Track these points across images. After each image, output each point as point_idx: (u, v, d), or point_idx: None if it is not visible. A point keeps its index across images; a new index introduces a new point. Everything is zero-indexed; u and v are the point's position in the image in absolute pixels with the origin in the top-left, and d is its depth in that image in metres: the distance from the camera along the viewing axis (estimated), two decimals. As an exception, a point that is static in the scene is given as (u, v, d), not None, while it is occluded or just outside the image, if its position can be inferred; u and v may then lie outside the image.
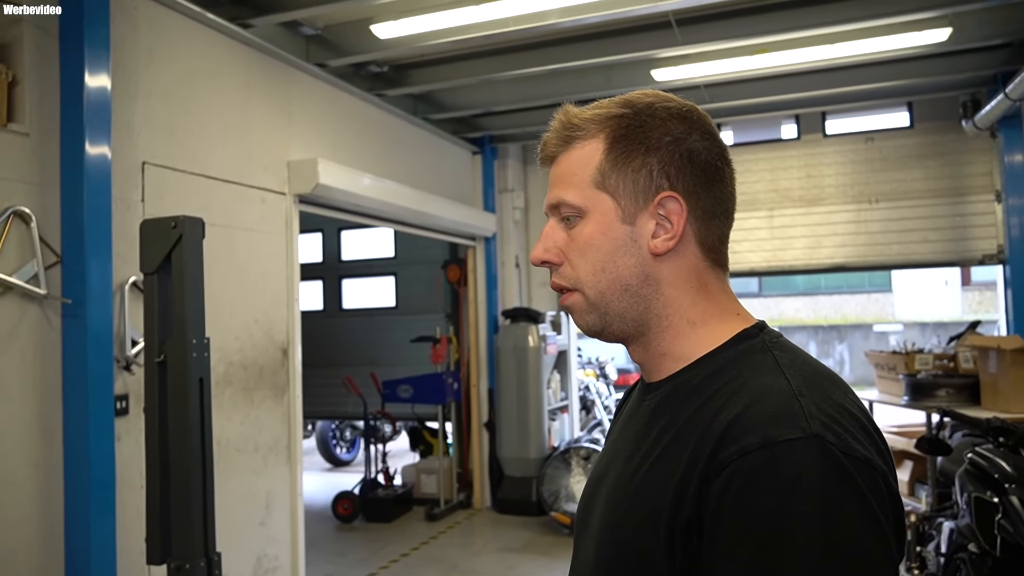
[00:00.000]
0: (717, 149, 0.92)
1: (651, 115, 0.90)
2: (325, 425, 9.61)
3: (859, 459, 0.75)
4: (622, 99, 0.93)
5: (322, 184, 4.63)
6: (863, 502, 0.73)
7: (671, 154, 0.89)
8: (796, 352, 0.88)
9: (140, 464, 3.48)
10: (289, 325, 4.63)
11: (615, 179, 0.90)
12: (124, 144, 3.55)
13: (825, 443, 0.74)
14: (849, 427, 0.77)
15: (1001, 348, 4.45)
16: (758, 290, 21.15)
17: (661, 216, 0.89)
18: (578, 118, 0.93)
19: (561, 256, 0.94)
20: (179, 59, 3.92)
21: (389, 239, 8.45)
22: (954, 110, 6.42)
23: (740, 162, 7.04)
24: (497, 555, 5.80)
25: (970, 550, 3.10)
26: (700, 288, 0.92)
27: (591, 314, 0.94)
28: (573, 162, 0.92)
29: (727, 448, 0.76)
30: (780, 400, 0.78)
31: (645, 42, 4.97)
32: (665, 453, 0.84)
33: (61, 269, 3.18)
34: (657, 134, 0.90)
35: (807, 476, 0.72)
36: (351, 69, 5.39)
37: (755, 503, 0.72)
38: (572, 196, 0.92)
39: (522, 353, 6.96)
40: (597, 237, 0.91)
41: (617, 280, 0.91)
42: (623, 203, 0.90)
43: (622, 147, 0.90)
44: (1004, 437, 3.16)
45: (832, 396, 0.80)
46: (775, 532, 0.71)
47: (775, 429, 0.75)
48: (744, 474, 0.74)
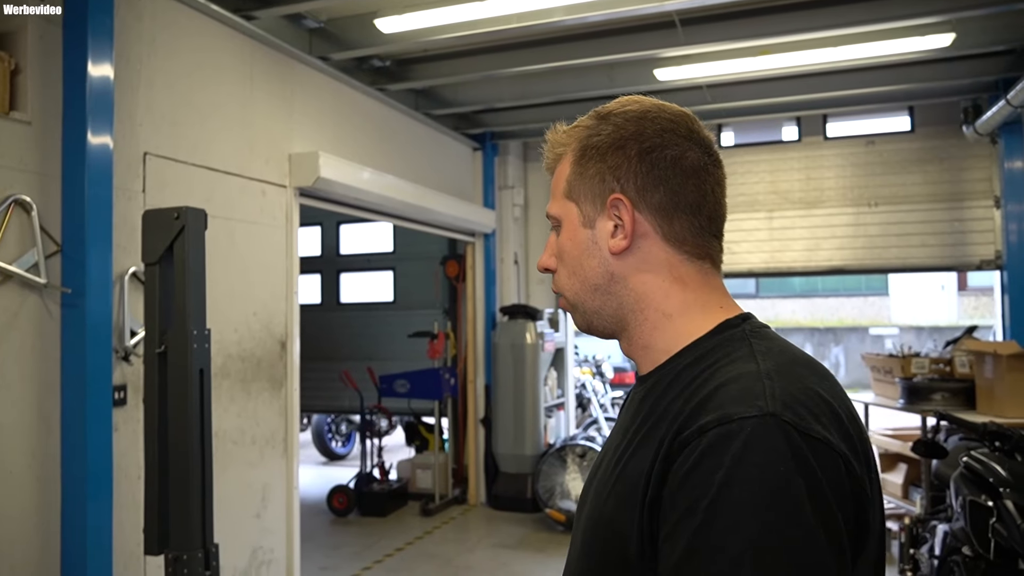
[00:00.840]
0: (676, 142, 0.93)
1: (608, 122, 0.96)
2: (321, 419, 9.61)
3: (817, 439, 0.75)
4: (593, 111, 1.00)
5: (323, 177, 4.63)
6: (812, 481, 0.73)
7: (620, 157, 0.94)
8: (775, 340, 0.90)
9: (137, 455, 3.48)
10: (288, 318, 4.63)
11: (578, 187, 0.97)
12: (126, 134, 3.54)
13: (780, 421, 0.74)
14: (814, 409, 0.77)
15: (998, 353, 4.47)
16: (755, 291, 21.19)
17: (616, 217, 0.94)
18: (557, 135, 1.02)
19: (556, 263, 1.02)
20: (182, 50, 3.91)
21: (388, 234, 8.45)
22: (955, 115, 6.43)
23: (741, 163, 7.09)
24: (491, 551, 5.81)
25: (964, 553, 3.12)
26: (675, 281, 0.94)
27: (575, 314, 1.02)
28: (557, 176, 1.01)
29: (688, 428, 0.78)
30: (744, 382, 0.80)
31: (648, 41, 4.97)
32: (645, 439, 0.87)
33: (61, 258, 3.17)
34: (609, 140, 0.95)
35: (754, 451, 0.73)
36: (354, 63, 5.38)
37: (703, 477, 0.74)
38: (552, 207, 1.02)
39: (519, 350, 6.97)
40: (567, 243, 0.99)
41: (586, 281, 0.98)
42: (584, 209, 0.97)
43: (582, 157, 0.97)
44: (999, 441, 3.18)
45: (803, 381, 0.81)
46: (716, 504, 0.72)
47: (733, 407, 0.77)
48: (699, 451, 0.76)
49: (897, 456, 5.58)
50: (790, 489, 0.72)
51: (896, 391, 5.19)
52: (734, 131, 7.35)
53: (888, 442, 5.60)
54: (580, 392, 8.58)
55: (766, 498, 0.71)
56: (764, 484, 0.72)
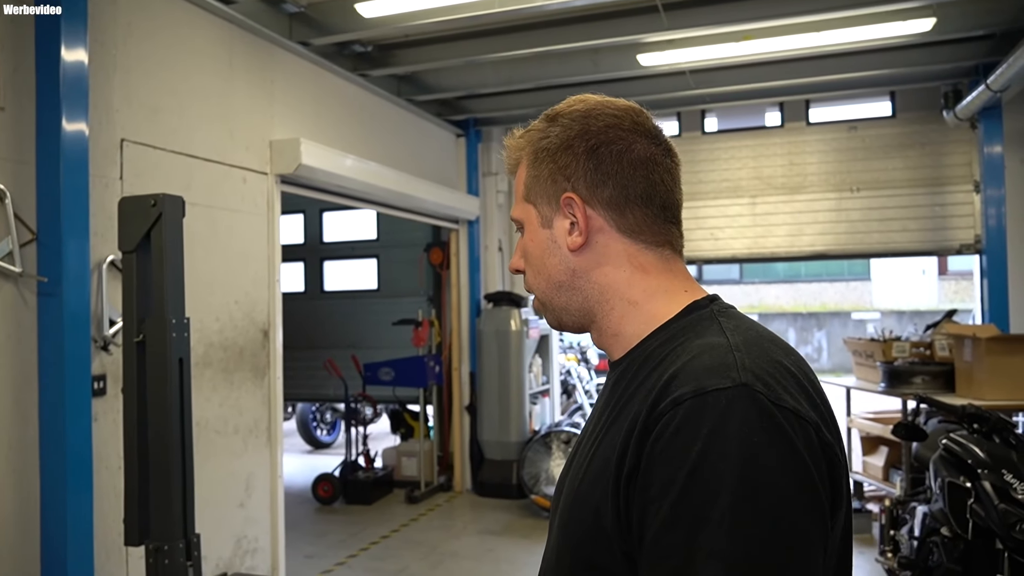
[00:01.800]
0: (621, 136, 0.95)
1: (556, 124, 0.98)
2: (305, 407, 9.58)
3: (788, 408, 0.77)
4: (543, 113, 1.02)
5: (305, 164, 4.58)
6: (790, 449, 0.75)
7: (567, 155, 0.96)
8: (742, 319, 0.92)
9: (117, 445, 3.44)
10: (270, 306, 4.60)
11: (534, 189, 1.00)
12: (102, 120, 3.48)
13: (753, 391, 0.76)
14: (782, 380, 0.80)
15: (976, 337, 4.52)
16: (739, 277, 21.30)
17: (570, 214, 0.97)
18: (513, 140, 1.04)
19: (524, 264, 1.05)
20: (159, 34, 3.85)
21: (371, 221, 8.40)
22: (936, 100, 6.46)
23: (724, 149, 7.10)
24: (477, 537, 5.82)
25: (942, 534, 3.16)
26: (636, 269, 0.96)
27: (546, 313, 1.04)
28: (517, 181, 1.04)
29: (663, 401, 0.80)
30: (716, 355, 0.82)
31: (632, 26, 4.94)
32: (617, 418, 0.88)
33: (37, 247, 3.12)
34: (558, 141, 0.97)
35: (730, 421, 0.75)
36: (335, 48, 5.32)
37: (681, 448, 0.75)
38: (514, 211, 1.05)
39: (504, 337, 6.97)
40: (529, 244, 1.02)
41: (550, 280, 1.00)
42: (542, 210, 1.00)
43: (535, 160, 1.00)
44: (978, 424, 3.21)
45: (770, 354, 0.84)
46: (695, 475, 0.74)
47: (706, 379, 0.78)
48: (675, 423, 0.77)
49: (878, 439, 5.65)
50: (767, 458, 0.74)
51: (877, 375, 5.25)
52: (717, 117, 7.35)
53: (869, 425, 5.67)
54: (565, 379, 8.60)
55: (744, 467, 0.73)
56: (741, 454, 0.73)
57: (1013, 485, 2.88)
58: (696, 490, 0.73)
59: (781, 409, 0.76)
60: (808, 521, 0.74)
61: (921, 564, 3.34)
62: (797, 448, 0.75)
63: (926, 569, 3.29)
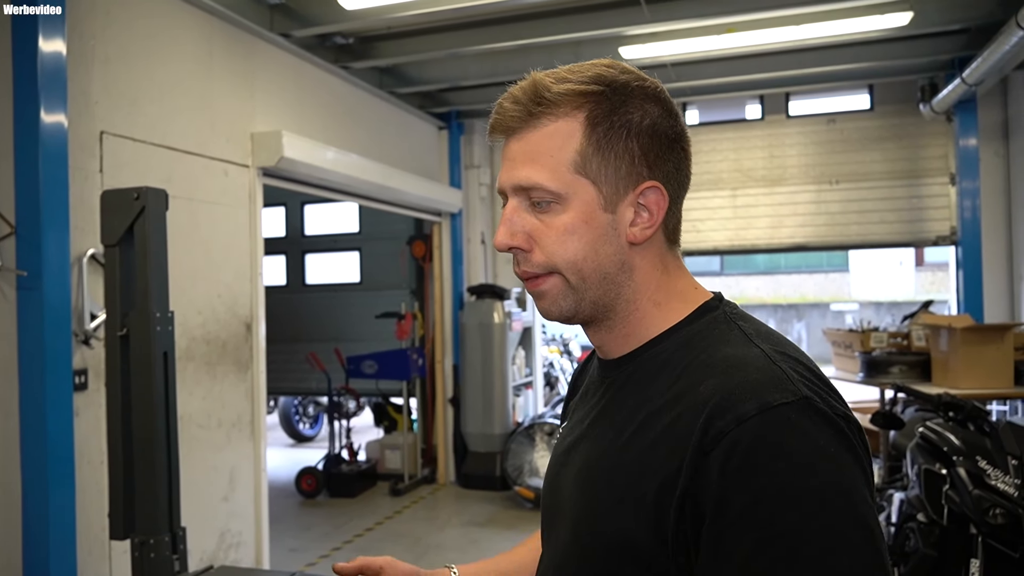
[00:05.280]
0: (681, 128, 0.91)
1: (629, 95, 0.87)
2: (288, 401, 9.55)
3: (843, 416, 0.77)
4: (593, 73, 0.87)
5: (286, 157, 4.56)
6: (856, 456, 0.76)
7: (651, 139, 0.87)
8: (756, 322, 0.91)
9: (99, 439, 3.43)
10: (253, 300, 4.57)
11: (596, 165, 0.86)
12: (81, 112, 3.44)
13: (815, 404, 0.76)
14: (825, 387, 0.80)
15: (952, 327, 4.59)
16: (720, 269, 21.44)
17: (640, 205, 0.88)
18: (550, 91, 0.87)
19: (530, 242, 0.89)
20: (138, 25, 3.80)
21: (354, 214, 8.36)
22: (912, 94, 6.55)
23: (705, 141, 7.14)
24: (461, 529, 5.85)
25: (919, 520, 3.22)
26: (663, 270, 0.92)
27: (567, 299, 0.90)
28: (544, 141, 0.87)
29: (722, 418, 0.75)
30: (761, 366, 0.79)
31: (614, 19, 4.96)
32: (641, 431, 0.83)
33: (16, 240, 3.09)
34: (637, 116, 0.87)
35: (810, 438, 0.74)
36: (316, 40, 5.28)
37: (762, 469, 0.72)
38: (549, 181, 0.86)
39: (487, 329, 6.98)
40: (580, 225, 0.87)
41: (598, 268, 0.88)
42: (605, 191, 0.87)
43: (603, 130, 0.86)
44: (953, 412, 3.28)
45: (800, 359, 0.83)
46: (787, 498, 0.71)
47: (767, 395, 0.75)
48: (746, 441, 0.73)
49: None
50: (845, 468, 0.74)
51: (856, 365, 5.32)
52: (699, 109, 7.40)
53: (848, 414, 5.75)
54: (548, 371, 8.64)
55: (832, 482, 0.73)
56: (826, 468, 0.73)
57: (987, 472, 2.94)
58: (789, 512, 0.71)
59: (840, 417, 0.77)
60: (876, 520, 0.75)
61: (898, 550, 3.40)
62: (859, 454, 0.77)
63: (903, 555, 3.36)
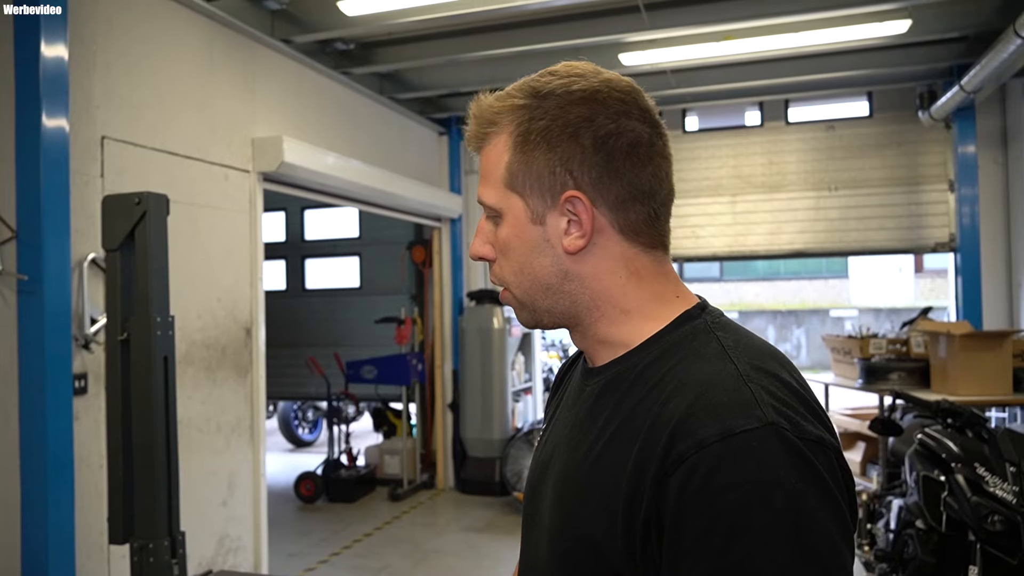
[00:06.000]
0: (632, 126, 0.86)
1: (552, 103, 0.86)
2: (287, 406, 9.54)
3: (813, 441, 0.74)
4: (528, 85, 0.88)
5: (287, 162, 4.57)
6: (822, 485, 0.73)
7: (572, 147, 0.85)
8: (739, 331, 0.87)
9: (99, 443, 3.43)
10: (252, 304, 4.58)
11: (522, 179, 0.87)
12: (82, 117, 3.45)
13: (780, 431, 0.73)
14: (799, 408, 0.77)
15: (951, 333, 4.60)
16: (719, 275, 21.47)
17: (570, 213, 0.86)
18: (488, 111, 0.90)
19: (493, 252, 0.93)
20: (140, 31, 3.82)
21: (353, 219, 8.37)
22: (911, 101, 6.57)
23: (704, 148, 7.16)
24: (460, 535, 5.84)
25: (917, 526, 3.23)
26: (631, 275, 0.89)
27: (523, 311, 0.94)
28: (490, 159, 0.91)
29: (683, 441, 0.74)
30: (730, 387, 0.77)
31: (613, 26, 4.98)
32: (613, 442, 0.83)
33: (17, 245, 3.10)
34: (558, 126, 0.85)
35: (768, 467, 0.71)
36: (317, 46, 5.31)
37: (718, 498, 0.71)
38: (488, 197, 0.91)
39: (487, 335, 6.99)
40: (513, 239, 0.89)
41: (536, 281, 0.89)
42: (532, 203, 0.87)
43: (525, 144, 0.87)
44: (952, 419, 3.28)
45: (779, 375, 0.80)
46: (740, 528, 0.70)
47: (730, 420, 0.73)
48: (704, 468, 0.72)
49: (856, 435, 5.73)
50: (805, 500, 0.72)
51: (855, 371, 5.32)
52: (698, 116, 7.41)
53: (847, 421, 5.75)
54: (547, 376, 8.63)
55: (788, 514, 0.71)
56: (784, 501, 0.71)
57: (985, 478, 2.95)
58: (741, 543, 0.70)
59: (808, 443, 0.74)
60: (847, 556, 0.74)
61: (897, 556, 3.41)
62: (828, 484, 0.73)
63: (901, 561, 3.36)
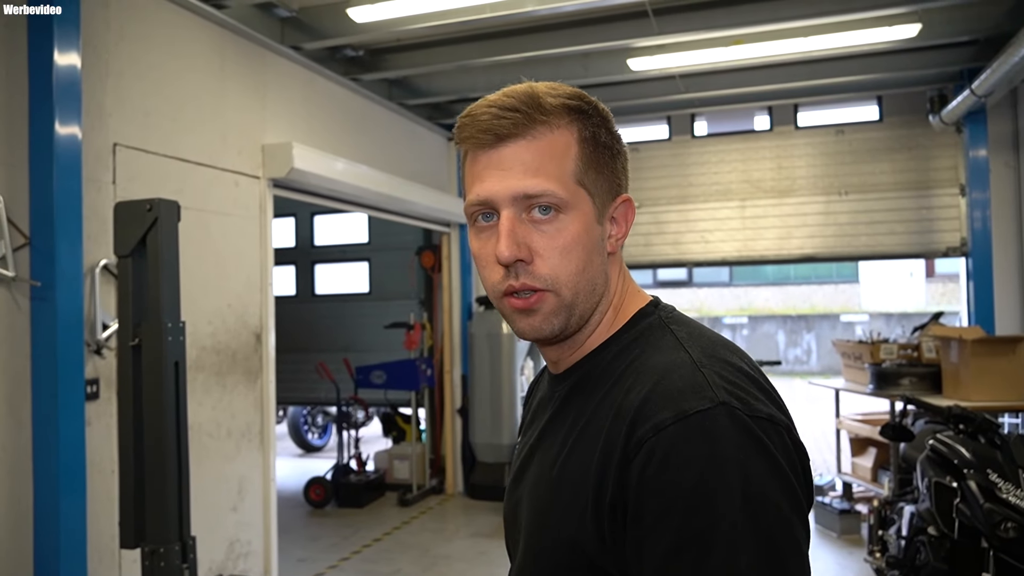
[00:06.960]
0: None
1: (603, 115, 0.93)
2: (296, 411, 9.57)
3: (763, 418, 0.78)
4: (570, 91, 0.90)
5: (297, 168, 4.59)
6: (772, 460, 0.76)
7: (621, 157, 0.94)
8: (691, 324, 0.92)
9: (111, 449, 3.45)
10: (262, 310, 4.60)
11: (592, 177, 0.89)
12: (95, 125, 3.49)
13: (732, 409, 0.77)
14: (749, 388, 0.81)
15: (963, 339, 4.57)
16: (729, 280, 21.40)
17: (612, 217, 0.93)
18: (548, 102, 0.87)
19: (532, 254, 0.86)
20: (151, 39, 3.85)
21: (363, 224, 8.40)
22: (922, 105, 6.54)
23: (713, 152, 7.15)
24: (469, 540, 5.84)
25: (929, 533, 3.20)
26: (623, 277, 0.97)
27: (559, 316, 0.88)
28: (546, 150, 0.86)
29: (642, 426, 0.78)
30: (685, 374, 0.81)
31: (622, 31, 4.99)
32: (581, 439, 0.86)
33: (30, 251, 3.13)
34: (616, 136, 0.93)
35: (719, 443, 0.75)
36: (326, 52, 5.33)
37: (675, 476, 0.74)
38: (560, 189, 0.86)
39: (495, 340, 6.99)
40: (583, 235, 0.87)
41: (591, 280, 0.89)
42: (597, 203, 0.90)
43: (594, 145, 0.89)
44: (964, 424, 3.26)
45: (730, 361, 0.84)
46: (693, 501, 0.73)
47: (684, 402, 0.77)
48: (661, 449, 0.76)
49: (867, 440, 5.70)
50: (757, 474, 0.75)
51: (866, 376, 5.30)
52: (707, 121, 7.40)
53: (858, 427, 5.72)
54: (556, 381, 8.60)
55: (742, 487, 0.74)
56: (736, 474, 0.74)
57: (998, 484, 2.93)
58: (697, 517, 0.73)
59: (758, 420, 0.77)
60: (799, 528, 0.76)
61: (908, 563, 3.38)
62: (777, 459, 0.76)
63: (913, 568, 3.34)
